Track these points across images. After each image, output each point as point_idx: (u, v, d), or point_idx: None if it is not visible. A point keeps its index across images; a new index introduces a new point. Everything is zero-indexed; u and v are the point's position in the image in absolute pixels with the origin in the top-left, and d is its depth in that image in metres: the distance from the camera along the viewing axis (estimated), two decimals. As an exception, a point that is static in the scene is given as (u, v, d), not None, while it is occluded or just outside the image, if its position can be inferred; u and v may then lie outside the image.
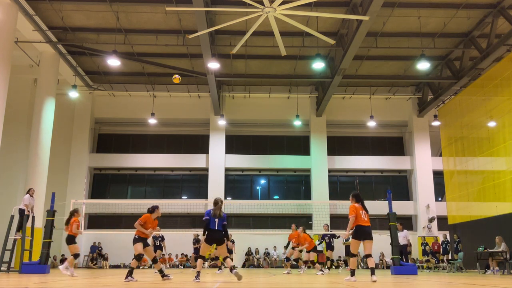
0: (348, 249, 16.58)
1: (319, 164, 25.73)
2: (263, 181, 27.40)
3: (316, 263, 14.83)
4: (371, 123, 25.06)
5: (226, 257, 8.43)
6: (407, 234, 17.79)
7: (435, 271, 19.32)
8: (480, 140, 19.66)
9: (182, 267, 23.39)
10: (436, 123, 24.54)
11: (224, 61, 22.19)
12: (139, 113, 26.25)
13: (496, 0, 17.79)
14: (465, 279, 10.35)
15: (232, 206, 24.56)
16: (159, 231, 17.94)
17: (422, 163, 25.87)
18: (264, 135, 27.24)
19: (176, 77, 12.19)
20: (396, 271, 13.00)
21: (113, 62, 18.80)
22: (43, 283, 7.53)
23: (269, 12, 10.69)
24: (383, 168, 26.74)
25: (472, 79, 21.54)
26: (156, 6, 17.94)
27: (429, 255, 20.32)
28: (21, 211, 15.05)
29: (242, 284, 7.56)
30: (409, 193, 26.68)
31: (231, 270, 8.19)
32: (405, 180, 27.18)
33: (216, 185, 25.28)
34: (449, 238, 21.18)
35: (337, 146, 26.91)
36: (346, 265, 21.75)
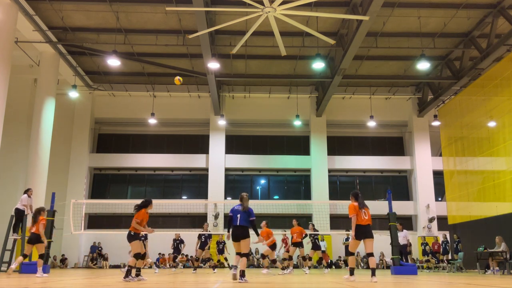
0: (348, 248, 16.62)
1: (319, 164, 25.73)
2: (263, 181, 27.40)
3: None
4: (371, 123, 25.06)
5: (243, 255, 8.19)
6: (407, 234, 17.80)
7: (435, 271, 19.31)
8: (480, 140, 19.66)
9: (182, 267, 23.38)
10: (436, 123, 24.54)
11: (224, 61, 22.19)
12: (139, 113, 26.25)
13: (496, 0, 17.80)
14: (465, 279, 10.35)
15: (232, 206, 24.51)
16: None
17: (422, 163, 25.87)
18: (264, 135, 27.24)
19: (177, 78, 12.18)
20: (396, 271, 13.01)
21: (113, 62, 18.80)
22: (43, 283, 7.53)
23: (269, 12, 10.69)
24: (383, 168, 26.74)
25: (472, 79, 21.54)
26: (156, 6, 17.94)
27: (429, 255, 20.31)
28: (18, 211, 14.85)
29: (242, 284, 7.56)
30: (409, 193, 26.67)
31: (241, 274, 8.00)
32: (405, 180, 27.18)
33: (216, 185, 25.28)
34: (449, 238, 21.18)
35: (337, 146, 26.92)
36: (347, 265, 21.75)
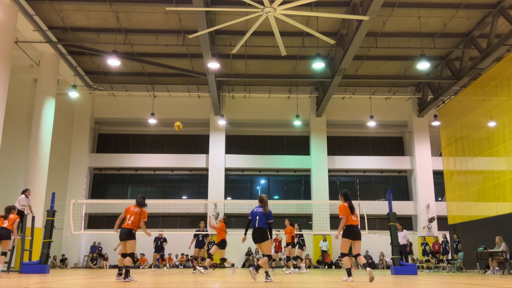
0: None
1: (319, 164, 25.74)
2: (263, 181, 27.41)
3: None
4: (371, 123, 25.06)
5: (265, 256, 8.23)
6: (407, 234, 17.81)
7: (435, 271, 19.32)
8: (480, 140, 19.66)
9: (182, 267, 23.40)
10: (436, 123, 24.55)
11: (224, 61, 22.19)
12: (139, 113, 26.25)
13: (496, 0, 17.79)
14: (465, 279, 10.35)
15: (232, 206, 24.55)
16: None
17: (422, 163, 25.87)
18: (264, 135, 27.23)
19: (177, 125, 12.40)
20: (396, 271, 13.01)
21: (113, 62, 18.79)
22: (43, 283, 7.53)
23: (269, 12, 10.69)
24: (383, 168, 26.74)
25: (472, 79, 21.54)
26: (156, 6, 17.94)
27: (429, 255, 20.32)
28: (18, 211, 14.82)
29: (242, 284, 7.56)
30: (409, 193, 26.68)
31: (266, 275, 8.06)
32: (405, 180, 27.18)
33: (216, 185, 25.28)
34: (449, 238, 21.19)
35: (337, 146, 26.92)
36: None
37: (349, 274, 8.62)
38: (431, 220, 25.03)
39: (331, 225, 22.84)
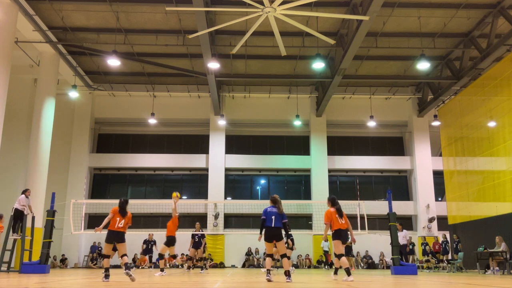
0: (348, 249, 16.65)
1: (319, 164, 25.74)
2: (263, 181, 27.40)
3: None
4: (371, 123, 25.06)
5: (284, 256, 8.35)
6: (407, 234, 17.83)
7: (435, 271, 19.32)
8: (480, 140, 19.66)
9: (182, 267, 23.37)
10: (436, 123, 24.55)
11: (224, 61, 22.19)
12: (139, 113, 26.25)
13: (496, 0, 17.80)
14: (465, 279, 10.35)
15: (232, 206, 24.56)
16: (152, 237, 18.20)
17: (422, 163, 25.87)
18: (264, 135, 27.23)
19: (176, 195, 12.87)
20: (396, 271, 13.01)
21: (113, 62, 18.79)
22: (43, 283, 7.53)
23: (269, 12, 10.68)
24: (383, 168, 26.74)
25: (472, 79, 21.54)
26: (156, 6, 17.94)
27: (429, 255, 20.32)
28: (17, 211, 14.80)
29: (242, 284, 7.56)
30: (409, 193, 26.67)
31: (286, 274, 8.16)
32: (405, 180, 27.18)
33: (216, 185, 25.28)
34: (449, 238, 21.19)
35: (337, 146, 26.92)
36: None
37: (348, 274, 8.65)
38: (431, 220, 25.03)
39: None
